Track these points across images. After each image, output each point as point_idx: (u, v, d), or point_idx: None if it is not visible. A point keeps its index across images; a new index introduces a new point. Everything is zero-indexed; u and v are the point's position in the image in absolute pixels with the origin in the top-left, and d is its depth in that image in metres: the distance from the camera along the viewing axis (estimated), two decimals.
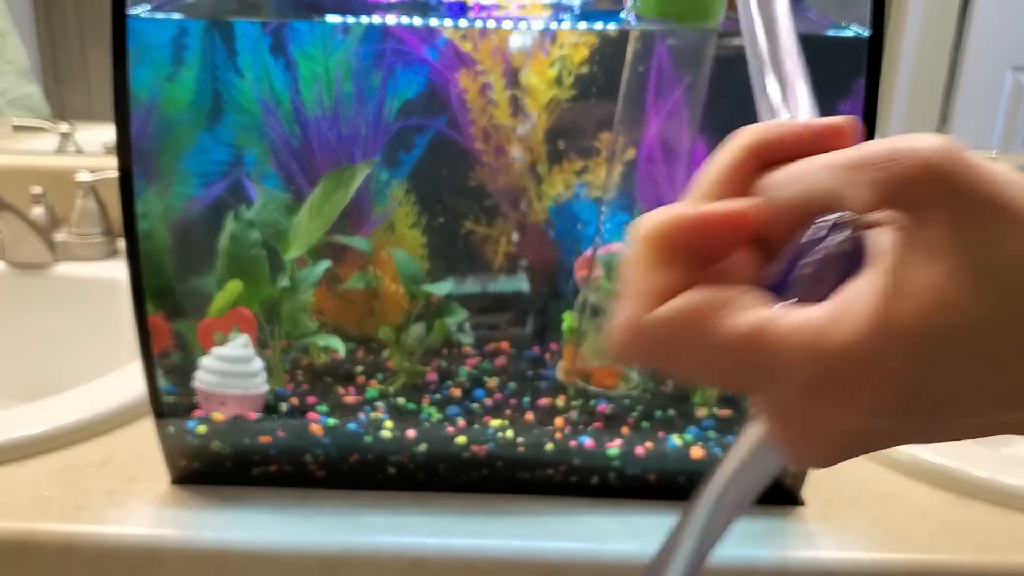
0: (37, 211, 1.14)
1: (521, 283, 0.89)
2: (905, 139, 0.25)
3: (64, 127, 1.26)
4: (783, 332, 0.24)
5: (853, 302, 0.24)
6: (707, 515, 0.31)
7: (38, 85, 1.31)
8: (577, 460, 0.79)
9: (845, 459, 0.27)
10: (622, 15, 0.76)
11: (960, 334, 0.24)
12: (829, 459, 0.27)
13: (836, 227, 0.25)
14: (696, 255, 0.26)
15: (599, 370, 0.85)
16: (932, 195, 0.24)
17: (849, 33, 0.71)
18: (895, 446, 0.27)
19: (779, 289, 0.26)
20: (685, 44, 0.71)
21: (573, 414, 0.82)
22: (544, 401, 0.84)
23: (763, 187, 0.27)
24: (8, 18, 1.28)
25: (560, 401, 0.84)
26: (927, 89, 1.27)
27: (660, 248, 0.26)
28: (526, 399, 0.84)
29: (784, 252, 0.26)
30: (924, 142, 0.24)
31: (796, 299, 0.25)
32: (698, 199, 0.27)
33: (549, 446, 0.78)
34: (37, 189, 1.14)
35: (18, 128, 1.28)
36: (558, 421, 0.81)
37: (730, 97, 0.85)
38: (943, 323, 0.24)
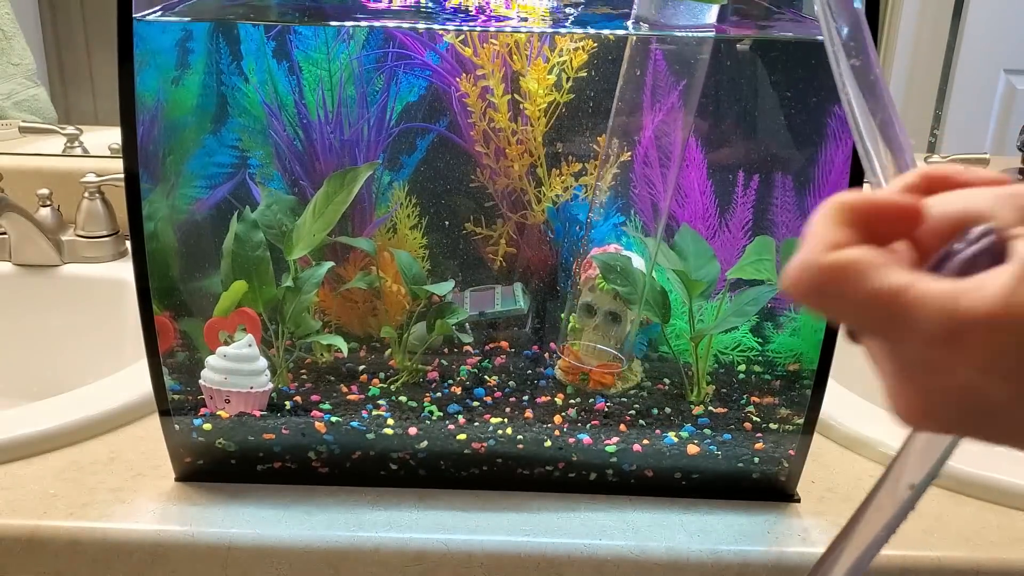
0: (44, 212, 1.15)
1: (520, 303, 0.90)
2: None
3: (70, 129, 1.27)
4: (925, 291, 0.29)
5: (990, 279, 0.29)
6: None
7: (44, 88, 1.32)
8: (575, 457, 0.80)
9: (948, 424, 0.31)
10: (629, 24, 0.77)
11: None
12: (935, 417, 0.31)
13: (985, 234, 0.30)
14: (868, 229, 0.32)
15: (596, 368, 0.86)
16: None
17: None
18: (999, 430, 0.30)
19: (938, 272, 0.31)
20: (681, 47, 0.72)
21: (571, 412, 0.83)
22: (543, 399, 0.85)
23: (933, 201, 0.32)
24: (14, 21, 1.29)
25: (559, 399, 0.85)
26: (921, 91, 1.28)
27: (843, 214, 0.32)
28: (525, 397, 0.85)
29: (941, 250, 0.31)
30: None
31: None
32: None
33: (548, 443, 0.79)
34: (44, 191, 1.15)
35: (25, 130, 1.29)
36: (557, 419, 0.82)
37: (728, 100, 0.86)
38: None
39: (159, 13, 0.73)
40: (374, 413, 0.81)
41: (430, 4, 0.84)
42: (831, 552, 0.36)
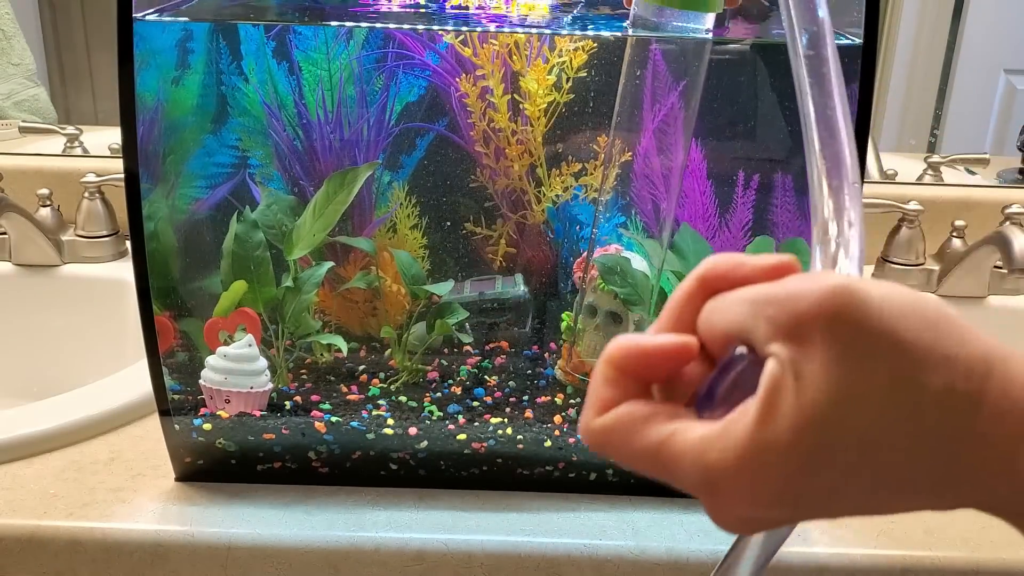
0: (44, 212, 1.15)
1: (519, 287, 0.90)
2: (808, 279, 0.30)
3: (70, 129, 1.27)
4: (679, 446, 0.30)
5: (733, 424, 0.30)
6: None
7: (44, 88, 1.32)
8: (575, 457, 0.80)
9: (759, 531, 0.33)
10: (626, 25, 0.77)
11: (831, 449, 0.28)
12: (742, 532, 0.33)
13: (741, 357, 0.31)
14: (642, 378, 0.33)
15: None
16: (816, 332, 0.28)
17: (842, 40, 0.72)
18: (799, 522, 0.32)
19: (707, 401, 0.32)
20: (681, 48, 0.72)
21: (571, 412, 0.83)
22: (543, 399, 0.85)
23: (703, 314, 0.32)
24: (14, 21, 1.29)
25: (559, 399, 0.85)
26: (921, 92, 1.28)
27: (613, 370, 0.32)
28: (525, 397, 0.85)
29: (708, 378, 0.32)
30: (822, 283, 0.29)
31: (715, 411, 0.31)
32: (659, 326, 0.34)
33: (548, 443, 0.80)
34: (44, 191, 1.15)
35: (25, 130, 1.29)
36: (557, 419, 0.82)
37: (728, 100, 0.86)
38: (814, 440, 0.28)
39: (159, 13, 0.73)
40: (374, 413, 0.81)
41: (430, 5, 0.84)
42: (735, 549, 0.37)
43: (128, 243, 0.79)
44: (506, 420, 0.81)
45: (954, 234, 1.14)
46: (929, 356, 0.28)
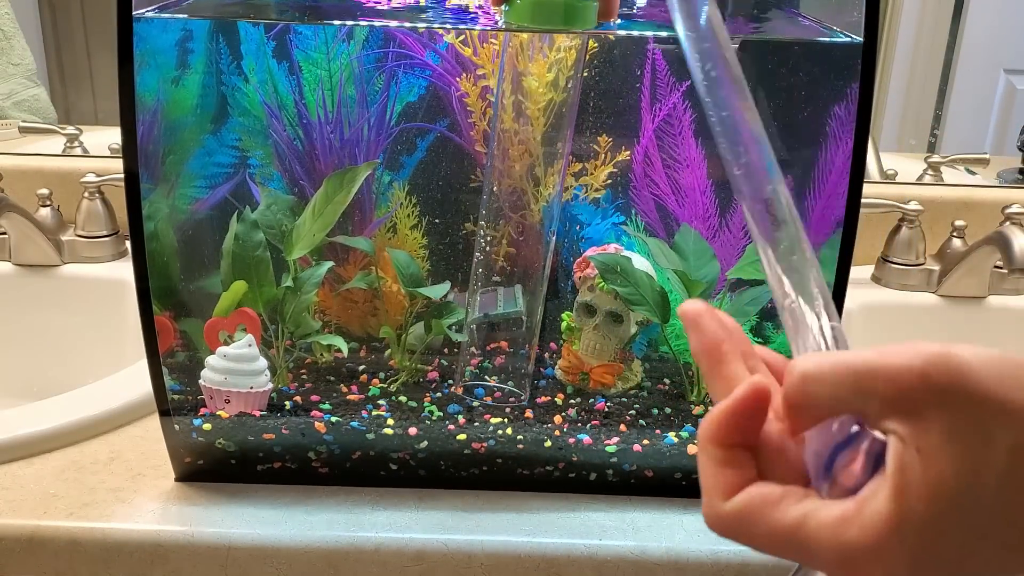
0: (44, 212, 1.14)
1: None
2: (902, 352, 0.31)
3: (70, 129, 1.27)
4: (816, 527, 0.31)
5: (867, 504, 0.31)
6: None
7: (44, 88, 1.32)
8: (575, 457, 0.80)
9: None
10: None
11: (959, 517, 0.30)
12: None
13: (860, 433, 0.31)
14: (742, 445, 0.33)
15: (597, 368, 0.86)
16: (928, 406, 0.30)
17: (843, 39, 0.72)
18: None
19: (825, 475, 0.32)
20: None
21: (571, 412, 0.83)
22: (543, 399, 0.85)
23: (796, 383, 0.32)
24: (14, 21, 1.29)
25: (559, 399, 0.85)
26: (921, 91, 1.28)
27: (721, 450, 0.33)
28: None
29: (825, 454, 0.32)
30: (923, 355, 0.30)
31: (835, 486, 0.32)
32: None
33: (548, 443, 0.79)
34: (44, 191, 1.15)
35: (25, 130, 1.29)
36: (557, 419, 0.82)
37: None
38: (943, 512, 0.30)
39: (158, 11, 0.73)
40: (374, 413, 0.81)
41: (431, 4, 0.84)
42: None
43: (128, 243, 0.79)
44: (506, 420, 0.81)
45: (954, 234, 1.14)
46: None
